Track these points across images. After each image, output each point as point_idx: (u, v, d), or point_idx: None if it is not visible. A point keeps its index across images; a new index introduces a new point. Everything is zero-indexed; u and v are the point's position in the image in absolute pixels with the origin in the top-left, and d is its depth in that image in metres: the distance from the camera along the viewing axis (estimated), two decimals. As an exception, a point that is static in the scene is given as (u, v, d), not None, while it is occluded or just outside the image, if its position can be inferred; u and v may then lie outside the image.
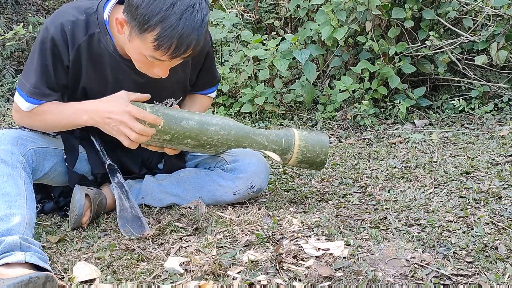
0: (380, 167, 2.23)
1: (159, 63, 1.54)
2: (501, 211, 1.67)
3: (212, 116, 1.75)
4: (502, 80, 3.24)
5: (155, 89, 1.73)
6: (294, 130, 1.81)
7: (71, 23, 1.60)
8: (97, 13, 1.62)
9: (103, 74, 1.67)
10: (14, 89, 4.06)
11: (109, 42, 1.63)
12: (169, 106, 1.81)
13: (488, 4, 3.01)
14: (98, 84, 1.68)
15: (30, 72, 1.61)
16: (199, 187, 1.83)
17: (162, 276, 1.37)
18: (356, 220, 1.67)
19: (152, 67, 1.57)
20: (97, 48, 1.63)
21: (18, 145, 1.58)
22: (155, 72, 1.58)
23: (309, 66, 3.05)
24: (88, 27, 1.61)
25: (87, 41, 1.62)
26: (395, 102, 3.16)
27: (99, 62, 1.65)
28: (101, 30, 1.62)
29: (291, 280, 1.31)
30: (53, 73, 1.61)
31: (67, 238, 1.64)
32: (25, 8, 4.77)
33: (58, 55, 1.60)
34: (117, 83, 1.68)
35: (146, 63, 1.56)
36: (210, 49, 1.83)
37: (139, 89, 1.70)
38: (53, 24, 1.59)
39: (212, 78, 1.93)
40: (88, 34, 1.61)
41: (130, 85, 1.69)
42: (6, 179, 1.48)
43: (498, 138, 2.60)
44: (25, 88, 1.61)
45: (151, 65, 1.56)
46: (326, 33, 2.93)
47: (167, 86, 1.76)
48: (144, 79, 1.69)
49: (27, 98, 1.61)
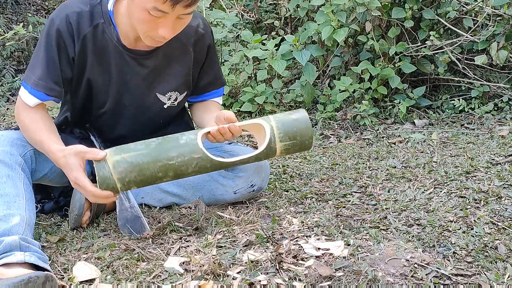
0: (380, 167, 2.23)
1: (163, 20, 1.49)
2: (501, 211, 1.67)
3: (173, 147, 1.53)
4: (502, 80, 3.24)
5: (157, 81, 1.73)
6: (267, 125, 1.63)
7: (76, 14, 1.60)
8: (101, 4, 1.62)
9: (107, 66, 1.67)
10: (14, 89, 4.06)
11: (113, 32, 1.63)
12: (173, 100, 1.79)
13: (488, 4, 3.01)
14: (102, 77, 1.68)
15: (36, 65, 1.61)
16: (199, 186, 1.83)
17: (162, 276, 1.37)
18: (356, 220, 1.67)
19: (157, 26, 1.51)
20: (102, 39, 1.63)
21: (18, 146, 1.58)
22: (160, 33, 1.51)
23: (309, 67, 3.06)
24: (93, 18, 1.62)
25: (92, 32, 1.62)
26: (395, 102, 3.16)
27: (104, 53, 1.65)
28: (105, 20, 1.62)
29: (291, 280, 1.31)
30: (59, 65, 1.61)
31: (67, 238, 1.64)
32: (25, 8, 4.77)
33: (64, 47, 1.60)
34: (120, 75, 1.68)
35: (151, 23, 1.50)
36: (211, 42, 1.81)
37: (142, 80, 1.70)
38: (59, 16, 1.59)
39: (216, 78, 1.88)
40: (93, 25, 1.61)
41: (133, 77, 1.69)
42: (5, 180, 1.48)
43: (498, 138, 2.60)
44: (30, 80, 1.60)
45: (155, 24, 1.50)
46: (326, 34, 2.94)
47: (170, 78, 1.75)
48: (146, 70, 1.69)
49: (31, 90, 1.60)
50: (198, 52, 1.77)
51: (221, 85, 1.91)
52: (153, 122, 1.82)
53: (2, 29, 4.11)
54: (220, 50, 3.62)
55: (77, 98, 1.74)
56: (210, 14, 3.43)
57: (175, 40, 1.67)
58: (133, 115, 1.77)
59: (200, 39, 1.75)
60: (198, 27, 1.74)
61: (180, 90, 1.79)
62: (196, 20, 1.74)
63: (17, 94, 1.73)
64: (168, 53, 1.71)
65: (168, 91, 1.76)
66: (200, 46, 1.76)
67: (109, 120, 1.78)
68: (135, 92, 1.72)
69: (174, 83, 1.76)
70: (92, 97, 1.73)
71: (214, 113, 1.76)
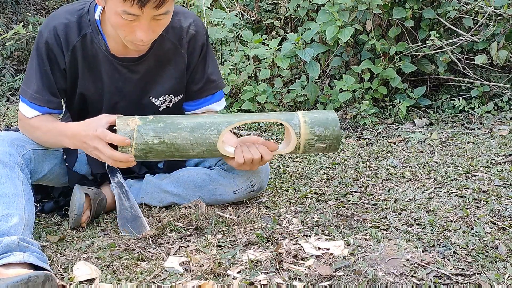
0: (380, 167, 2.23)
1: (138, 23, 1.48)
2: (501, 210, 1.67)
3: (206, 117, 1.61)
4: (502, 80, 3.24)
5: (150, 85, 1.73)
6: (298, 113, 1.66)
7: (63, 25, 1.61)
8: (88, 14, 1.63)
9: (98, 74, 1.67)
10: (14, 88, 4.06)
11: (101, 41, 1.64)
12: (168, 102, 1.78)
13: (488, 4, 3.01)
14: (94, 85, 1.69)
15: (31, 78, 1.63)
16: (199, 186, 1.83)
17: (162, 276, 1.37)
18: (356, 220, 1.67)
19: (133, 30, 1.50)
20: (91, 49, 1.64)
21: (17, 146, 1.58)
22: (138, 36, 1.50)
23: (312, 64, 3.05)
24: (81, 28, 1.62)
25: (80, 42, 1.62)
26: (395, 102, 3.16)
27: (94, 62, 1.66)
28: (93, 30, 1.63)
29: (291, 280, 1.31)
30: (52, 77, 1.63)
31: (67, 238, 1.64)
32: (25, 7, 4.76)
33: (54, 59, 1.62)
34: (112, 82, 1.69)
35: (127, 27, 1.50)
36: (205, 42, 1.77)
37: (134, 86, 1.70)
38: (47, 28, 1.61)
39: (210, 81, 1.80)
40: (81, 35, 1.62)
41: (126, 84, 1.70)
42: (4, 180, 1.48)
43: (498, 137, 2.60)
44: (27, 94, 1.64)
45: (131, 29, 1.50)
46: (331, 34, 2.91)
47: (163, 81, 1.74)
48: (138, 75, 1.69)
49: (30, 104, 1.64)
50: (191, 53, 1.75)
51: (216, 89, 1.83)
52: None
53: (2, 28, 4.10)
54: (220, 50, 3.62)
55: (72, 109, 1.77)
56: (210, 14, 3.43)
57: (166, 42, 1.67)
58: None
59: (191, 39, 1.73)
60: (189, 28, 1.72)
61: (174, 92, 1.78)
62: (188, 20, 1.72)
63: (17, 94, 1.74)
64: (159, 56, 1.71)
65: (161, 94, 1.76)
66: (192, 46, 1.74)
67: None
68: (129, 98, 1.73)
69: (167, 86, 1.76)
70: (87, 107, 1.75)
71: None
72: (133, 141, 1.50)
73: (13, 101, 3.85)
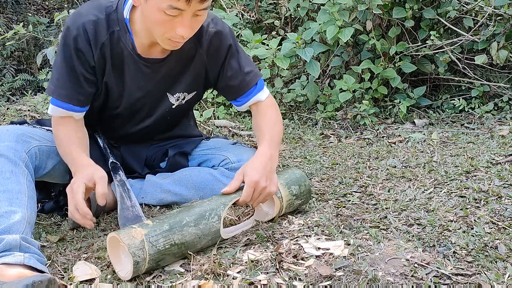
0: (380, 167, 2.23)
1: (180, 19, 1.48)
2: (501, 210, 1.67)
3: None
4: (502, 80, 3.24)
5: (169, 84, 1.75)
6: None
7: (92, 23, 1.60)
8: (117, 11, 1.63)
9: (121, 72, 1.69)
10: (14, 88, 4.06)
11: (129, 40, 1.64)
12: (181, 100, 1.80)
13: (488, 4, 3.01)
14: (116, 82, 1.70)
15: (59, 77, 1.63)
16: (201, 186, 1.83)
17: (162, 276, 1.37)
18: (356, 220, 1.67)
19: (174, 26, 1.50)
20: (117, 47, 1.65)
21: (22, 142, 1.58)
22: (178, 32, 1.51)
23: (313, 63, 3.05)
24: (109, 25, 1.62)
25: (109, 39, 1.63)
26: (395, 102, 3.17)
27: (119, 60, 1.67)
28: (121, 28, 1.63)
29: (291, 280, 1.31)
30: (79, 74, 1.63)
31: (67, 238, 1.64)
32: (25, 7, 4.77)
33: (83, 55, 1.61)
34: (134, 82, 1.71)
35: (168, 24, 1.50)
36: (231, 42, 1.77)
37: (155, 85, 1.73)
38: (75, 25, 1.60)
39: (247, 74, 1.79)
40: (109, 32, 1.63)
41: (147, 82, 1.72)
42: (8, 176, 1.48)
43: (498, 137, 2.60)
44: (54, 93, 1.64)
45: (172, 25, 1.50)
46: (331, 33, 2.92)
47: (181, 80, 1.77)
48: (160, 75, 1.72)
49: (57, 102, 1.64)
50: (212, 51, 1.75)
51: (255, 78, 1.81)
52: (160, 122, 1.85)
53: (2, 28, 4.11)
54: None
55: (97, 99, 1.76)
56: (210, 14, 3.43)
57: (187, 42, 1.67)
58: (143, 117, 1.81)
59: (213, 38, 1.74)
60: (208, 26, 1.73)
61: (188, 90, 1.81)
62: (207, 20, 1.73)
63: (17, 94, 1.74)
64: (180, 56, 1.72)
65: (177, 92, 1.78)
66: (214, 45, 1.74)
67: (120, 121, 1.82)
68: (148, 95, 1.76)
69: (184, 84, 1.79)
70: (107, 102, 1.76)
71: (264, 119, 1.77)
72: (146, 254, 1.34)
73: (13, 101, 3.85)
